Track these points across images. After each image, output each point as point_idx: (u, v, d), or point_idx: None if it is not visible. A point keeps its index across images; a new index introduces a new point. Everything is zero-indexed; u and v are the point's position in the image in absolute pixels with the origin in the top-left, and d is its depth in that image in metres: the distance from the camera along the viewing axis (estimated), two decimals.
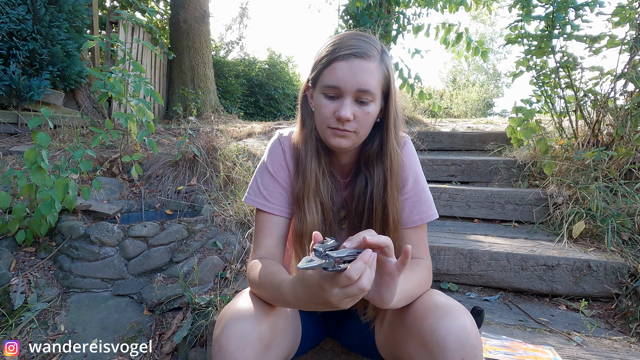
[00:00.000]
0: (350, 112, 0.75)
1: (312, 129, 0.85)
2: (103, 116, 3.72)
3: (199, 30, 5.37)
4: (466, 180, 2.51)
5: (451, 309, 0.67)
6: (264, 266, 0.77)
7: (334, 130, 0.77)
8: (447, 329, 0.64)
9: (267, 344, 0.70)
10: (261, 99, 7.28)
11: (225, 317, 0.71)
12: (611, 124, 2.10)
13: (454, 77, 15.24)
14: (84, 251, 1.74)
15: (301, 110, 0.89)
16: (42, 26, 2.93)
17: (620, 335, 1.23)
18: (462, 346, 0.63)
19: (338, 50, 0.75)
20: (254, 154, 2.75)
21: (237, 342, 0.67)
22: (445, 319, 0.65)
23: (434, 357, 0.65)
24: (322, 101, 0.77)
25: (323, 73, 0.77)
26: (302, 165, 0.85)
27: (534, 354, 1.05)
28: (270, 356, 0.72)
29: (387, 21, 3.52)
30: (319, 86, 0.79)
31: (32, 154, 1.65)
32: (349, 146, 0.79)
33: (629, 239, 1.58)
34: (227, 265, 1.75)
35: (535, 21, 2.24)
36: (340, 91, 0.75)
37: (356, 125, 0.77)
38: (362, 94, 0.75)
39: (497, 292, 1.56)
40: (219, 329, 0.70)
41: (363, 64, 0.74)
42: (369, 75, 0.74)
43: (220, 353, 0.67)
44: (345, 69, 0.74)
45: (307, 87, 0.86)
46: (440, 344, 0.64)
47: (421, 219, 0.86)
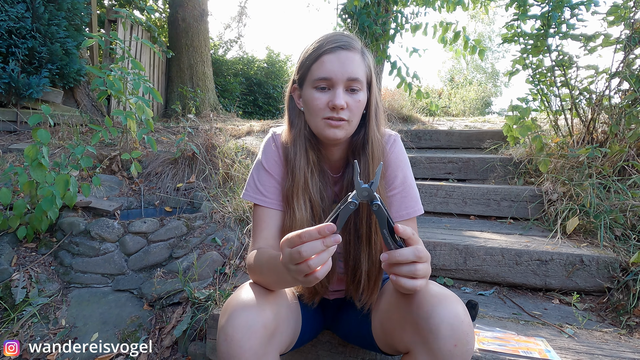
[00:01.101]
0: (344, 101, 0.79)
1: (300, 129, 0.89)
2: (102, 114, 3.73)
3: (198, 28, 5.38)
4: (463, 177, 2.54)
5: (445, 298, 0.69)
6: (262, 252, 0.80)
7: (329, 121, 0.80)
8: (440, 317, 0.66)
9: (271, 332, 0.72)
10: (260, 98, 7.29)
11: (230, 307, 0.73)
12: (606, 122, 2.13)
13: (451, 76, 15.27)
14: (84, 247, 1.75)
15: (288, 111, 0.92)
16: (41, 24, 2.94)
17: (611, 327, 1.26)
18: (454, 333, 0.65)
19: (324, 45, 0.80)
20: (252, 151, 2.77)
21: (243, 331, 0.69)
22: (438, 307, 0.67)
23: (428, 344, 0.67)
24: (314, 94, 0.81)
25: (312, 68, 0.81)
26: (291, 164, 0.88)
27: (526, 345, 1.07)
28: (274, 344, 0.74)
29: (385, 20, 3.53)
30: (308, 81, 0.82)
31: (32, 150, 1.66)
32: (342, 136, 0.83)
33: (621, 234, 1.61)
34: (226, 261, 1.77)
35: (531, 20, 2.26)
36: (332, 82, 0.79)
37: (349, 114, 0.81)
38: (352, 82, 0.80)
39: (491, 287, 1.59)
40: (224, 319, 0.72)
41: (349, 54, 0.79)
42: (356, 64, 0.80)
43: (226, 342, 0.69)
44: (334, 60, 0.79)
45: (293, 89, 0.90)
46: (434, 331, 0.66)
47: (408, 214, 0.90)
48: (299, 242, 0.59)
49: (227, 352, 0.69)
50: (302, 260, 0.58)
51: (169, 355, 1.44)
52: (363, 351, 1.10)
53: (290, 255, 0.60)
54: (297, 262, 0.59)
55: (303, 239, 0.58)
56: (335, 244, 0.59)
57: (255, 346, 0.69)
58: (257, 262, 0.80)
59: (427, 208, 2.17)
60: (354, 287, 0.89)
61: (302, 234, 0.59)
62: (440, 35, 3.58)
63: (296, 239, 0.59)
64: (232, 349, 0.68)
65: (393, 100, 4.42)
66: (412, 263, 0.62)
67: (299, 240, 0.59)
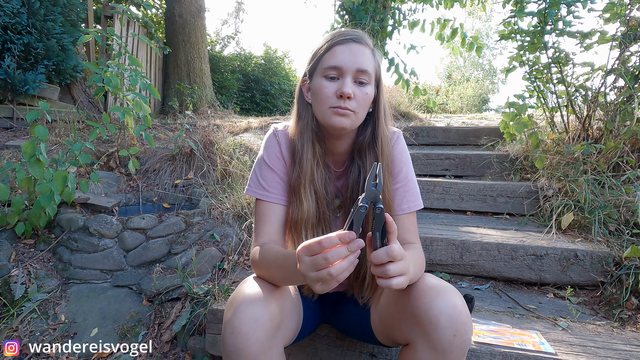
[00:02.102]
0: (351, 90, 0.81)
1: (307, 121, 0.90)
2: (99, 111, 3.71)
3: (195, 24, 5.35)
4: (460, 174, 2.55)
5: (443, 290, 0.71)
6: (268, 249, 0.82)
7: (336, 109, 0.82)
8: (439, 308, 0.68)
9: (277, 325, 0.73)
10: (257, 95, 7.27)
11: (237, 301, 0.74)
12: (601, 119, 2.15)
13: (449, 73, 15.28)
14: (83, 243, 1.76)
15: (297, 103, 0.94)
16: (36, 20, 2.91)
17: (603, 320, 1.28)
18: (453, 323, 0.67)
19: (336, 37, 0.83)
20: (250, 148, 2.77)
21: (249, 324, 0.69)
22: (437, 299, 0.69)
23: (427, 334, 0.69)
24: (323, 83, 0.83)
25: (323, 58, 0.84)
26: (299, 155, 0.90)
27: (520, 338, 1.09)
28: (279, 337, 0.75)
29: (382, 16, 3.53)
30: (319, 70, 0.85)
31: (30, 146, 1.66)
32: (348, 126, 0.84)
33: (615, 229, 1.63)
34: (225, 256, 1.78)
35: (528, 17, 2.27)
36: (341, 71, 0.81)
37: (356, 105, 0.82)
38: (361, 74, 0.82)
39: (487, 282, 1.61)
40: (230, 312, 0.72)
41: (360, 47, 0.82)
42: (366, 57, 0.82)
43: (233, 334, 0.70)
44: (346, 51, 0.81)
45: (303, 82, 0.92)
46: (434, 322, 0.68)
47: (409, 207, 0.93)
48: (319, 249, 0.59)
49: (233, 345, 0.69)
50: (326, 266, 0.58)
51: (169, 350, 1.45)
52: (361, 344, 1.12)
53: (313, 262, 0.59)
54: (320, 269, 0.59)
55: (324, 245, 0.58)
56: (359, 248, 0.60)
57: (261, 338, 0.70)
58: (262, 259, 0.81)
59: (425, 204, 2.18)
60: (357, 285, 0.91)
61: (322, 241, 0.59)
62: (437, 32, 3.58)
63: (316, 246, 0.59)
64: (239, 342, 0.69)
65: (391, 97, 4.44)
66: (387, 263, 0.62)
67: (319, 247, 0.59)
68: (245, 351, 0.69)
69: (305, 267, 0.61)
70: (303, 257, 0.61)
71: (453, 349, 0.68)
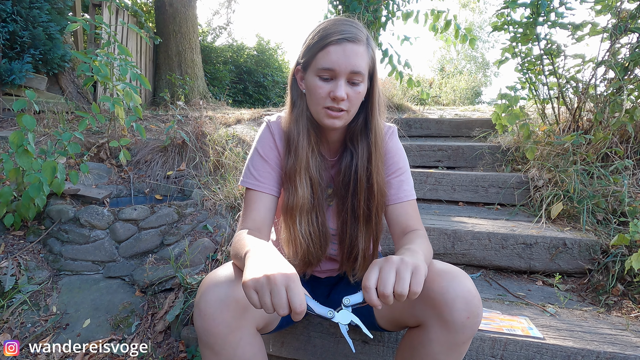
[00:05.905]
0: (345, 92, 0.81)
1: (302, 110, 0.91)
2: (88, 101, 3.64)
3: (186, 14, 5.26)
4: (452, 165, 2.57)
5: (458, 274, 0.74)
6: (242, 237, 0.80)
7: (328, 111, 0.83)
8: (455, 291, 0.71)
9: (243, 306, 0.73)
10: (250, 86, 7.20)
11: (204, 285, 0.75)
12: (591, 110, 2.17)
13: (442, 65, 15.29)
14: (73, 234, 1.74)
15: (291, 92, 0.94)
16: (22, 7, 2.83)
17: (590, 306, 1.32)
18: (467, 306, 0.70)
19: (331, 35, 0.81)
20: (243, 139, 2.75)
21: (215, 305, 0.70)
22: (453, 282, 0.72)
23: (442, 316, 0.71)
24: (317, 83, 0.83)
25: (317, 56, 0.82)
26: (294, 143, 0.90)
27: (510, 323, 1.12)
28: (248, 318, 0.75)
29: (376, 7, 3.51)
30: (312, 69, 0.84)
31: (17, 137, 1.63)
32: (340, 126, 0.86)
33: (602, 218, 1.66)
34: (218, 247, 1.78)
35: (521, 8, 2.27)
36: (335, 73, 0.81)
37: (348, 104, 0.83)
38: (354, 76, 0.81)
39: (478, 270, 1.63)
40: (198, 295, 0.74)
41: (354, 47, 0.81)
42: (359, 58, 0.81)
43: (200, 316, 0.71)
44: (339, 52, 0.80)
45: (296, 70, 0.91)
46: (450, 304, 0.70)
47: (406, 196, 0.95)
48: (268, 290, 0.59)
49: (201, 327, 0.71)
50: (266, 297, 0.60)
51: (162, 339, 1.46)
52: (354, 331, 1.13)
53: (256, 286, 0.60)
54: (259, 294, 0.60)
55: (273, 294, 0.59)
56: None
57: (227, 318, 0.71)
58: (233, 245, 0.81)
59: (418, 195, 2.20)
60: (349, 265, 0.94)
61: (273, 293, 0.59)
62: (431, 23, 3.57)
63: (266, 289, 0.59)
64: (206, 323, 0.70)
65: (384, 89, 4.43)
66: (395, 291, 0.62)
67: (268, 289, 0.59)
68: (212, 331, 0.70)
69: (249, 282, 0.61)
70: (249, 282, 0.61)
71: (465, 329, 0.71)
